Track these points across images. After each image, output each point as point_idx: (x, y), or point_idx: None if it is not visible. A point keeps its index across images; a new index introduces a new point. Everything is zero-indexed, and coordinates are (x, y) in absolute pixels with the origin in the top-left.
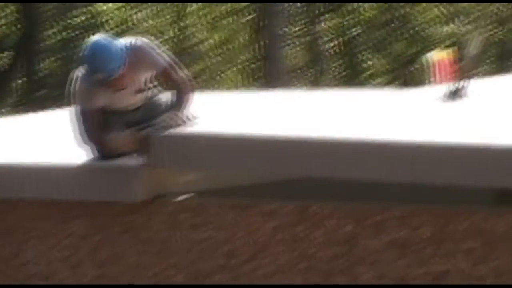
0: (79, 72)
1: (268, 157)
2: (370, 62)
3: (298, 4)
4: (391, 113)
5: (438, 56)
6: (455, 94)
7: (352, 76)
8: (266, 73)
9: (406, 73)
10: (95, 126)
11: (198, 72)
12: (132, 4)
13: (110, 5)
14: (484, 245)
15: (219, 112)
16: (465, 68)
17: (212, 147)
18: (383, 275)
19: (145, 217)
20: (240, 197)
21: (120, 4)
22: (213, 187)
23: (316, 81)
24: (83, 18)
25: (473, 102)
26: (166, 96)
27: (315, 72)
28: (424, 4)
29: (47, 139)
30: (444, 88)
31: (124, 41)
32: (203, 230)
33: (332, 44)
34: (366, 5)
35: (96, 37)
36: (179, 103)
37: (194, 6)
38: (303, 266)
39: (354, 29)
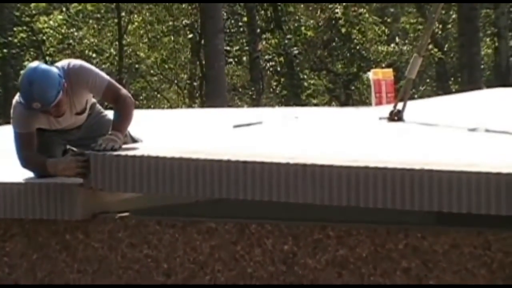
0: (18, 97)
1: (207, 179)
2: (310, 81)
3: (239, 23)
4: (329, 134)
5: (377, 75)
6: (393, 116)
7: (293, 94)
8: (206, 91)
9: (346, 92)
10: (33, 150)
11: (138, 90)
12: (73, 22)
13: (51, 22)
14: (422, 264)
15: (158, 131)
16: (404, 90)
17: (150, 169)
18: None
19: (84, 235)
20: (179, 216)
21: (60, 21)
22: (151, 205)
23: (256, 99)
24: (23, 35)
25: (410, 124)
26: (107, 113)
27: (256, 90)
28: (364, 23)
29: None
30: (382, 109)
31: (61, 65)
32: (142, 248)
33: (272, 63)
34: (307, 23)
35: (32, 65)
36: (120, 122)
37: (135, 24)
38: (241, 285)
39: (294, 48)
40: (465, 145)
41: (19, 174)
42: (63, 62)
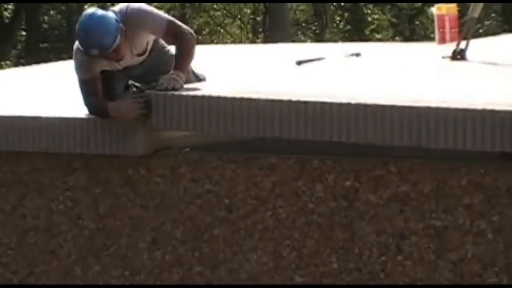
0: (77, 43)
1: (267, 119)
2: (374, 16)
3: None
4: (391, 72)
5: (440, 10)
6: (455, 55)
7: (356, 29)
8: (269, 26)
9: (410, 26)
10: (98, 95)
11: (201, 25)
12: None
13: None
14: (484, 200)
15: (221, 67)
16: (466, 29)
17: (211, 109)
18: (383, 230)
19: (145, 171)
20: (240, 151)
21: None
22: (213, 141)
23: (319, 34)
24: None
25: (473, 63)
26: (170, 48)
27: (319, 25)
28: None
29: (49, 92)
30: (445, 46)
31: (119, 8)
32: (203, 184)
33: None
34: None
35: (88, 12)
36: (181, 60)
37: None
38: (302, 220)
39: None
40: None
41: (81, 109)
42: (121, 6)
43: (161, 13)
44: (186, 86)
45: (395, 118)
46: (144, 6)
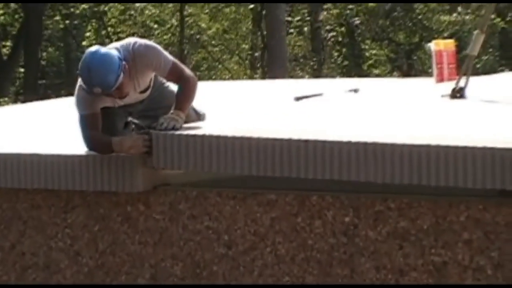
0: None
1: (268, 158)
2: (372, 51)
3: None
4: (390, 110)
5: (438, 46)
6: (455, 93)
7: (354, 65)
8: (267, 62)
9: (408, 61)
10: (98, 131)
11: (199, 61)
12: None
13: None
14: (483, 236)
15: (220, 103)
16: (466, 67)
17: (212, 148)
18: (382, 266)
19: (144, 207)
20: (239, 187)
21: None
22: (212, 177)
23: (317, 70)
24: (85, 6)
25: (472, 101)
26: (169, 84)
27: (317, 61)
28: None
29: (48, 129)
30: (444, 84)
31: (126, 44)
32: (202, 220)
33: (334, 33)
34: None
35: (91, 50)
36: (182, 101)
37: None
38: (302, 256)
39: (356, 18)
40: None
41: (81, 146)
42: (128, 41)
43: (167, 53)
44: (186, 125)
45: (396, 157)
46: (150, 43)
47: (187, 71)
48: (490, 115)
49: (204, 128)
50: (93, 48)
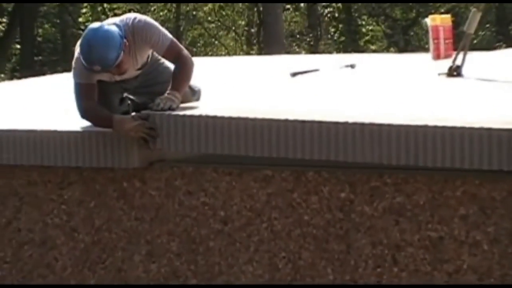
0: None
1: (265, 138)
2: (368, 27)
3: None
4: (386, 88)
5: (434, 21)
6: (451, 72)
7: (351, 41)
8: (264, 38)
9: (404, 37)
10: (94, 101)
11: (196, 37)
12: None
13: None
14: (479, 211)
15: (217, 80)
16: (462, 45)
17: (208, 129)
18: (378, 241)
19: (140, 184)
20: (235, 163)
21: None
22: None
23: (314, 46)
24: None
25: (469, 80)
26: (164, 60)
27: (313, 37)
28: None
29: (44, 105)
30: (441, 62)
31: (125, 20)
32: (198, 196)
33: (330, 9)
34: None
35: (93, 27)
36: (178, 82)
37: None
38: (298, 232)
39: None
40: None
41: (76, 122)
42: (128, 17)
43: (166, 31)
44: (182, 105)
45: (392, 137)
46: (150, 20)
47: (185, 51)
48: (486, 94)
49: (201, 108)
50: (95, 24)
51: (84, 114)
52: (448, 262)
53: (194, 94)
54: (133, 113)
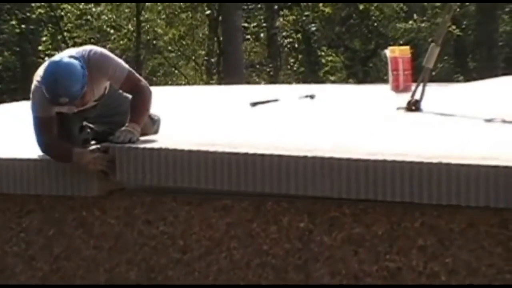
0: (40, 81)
1: (225, 172)
2: (328, 58)
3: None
4: (346, 121)
5: (394, 52)
6: (410, 106)
7: (310, 71)
8: (223, 68)
9: (364, 68)
10: (54, 135)
11: (156, 67)
12: None
13: None
14: (438, 242)
15: (176, 109)
16: (421, 80)
17: (168, 162)
18: (337, 271)
19: (100, 212)
20: (195, 193)
21: None
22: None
23: (274, 76)
24: (41, 11)
25: (428, 114)
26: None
27: (273, 67)
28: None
29: (3, 133)
30: (400, 96)
31: (81, 52)
32: (158, 225)
33: (290, 40)
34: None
35: (55, 59)
36: (137, 114)
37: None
38: (257, 262)
39: (312, 25)
40: (482, 137)
41: (36, 151)
42: (84, 49)
43: (123, 62)
44: (142, 138)
45: (352, 172)
46: (105, 52)
47: (143, 82)
48: (445, 129)
49: (160, 140)
50: (56, 57)
51: (45, 149)
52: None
53: (154, 123)
54: (93, 146)
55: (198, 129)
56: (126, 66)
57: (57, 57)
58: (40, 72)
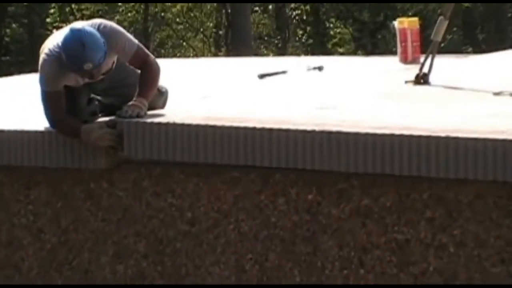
0: (49, 53)
1: (232, 146)
2: (336, 30)
3: None
4: (356, 94)
5: (402, 24)
6: (418, 80)
7: (318, 43)
8: (231, 40)
9: (372, 40)
10: (62, 110)
11: (164, 39)
12: None
13: None
14: (446, 214)
15: (184, 83)
16: (429, 53)
17: (176, 137)
18: (345, 243)
19: (108, 185)
20: (203, 165)
21: None
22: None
23: (282, 48)
24: None
25: (436, 88)
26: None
27: (281, 39)
28: None
29: (11, 105)
30: (408, 68)
31: (91, 25)
32: (166, 197)
33: (298, 11)
34: None
35: (77, 27)
36: (145, 88)
37: None
38: (265, 234)
39: None
40: (490, 110)
41: (43, 123)
42: (93, 23)
43: (132, 37)
44: (150, 112)
45: (359, 146)
46: (115, 26)
47: (151, 57)
48: (453, 102)
49: (168, 115)
50: (78, 25)
51: (53, 124)
52: (414, 264)
53: (162, 95)
54: (101, 119)
55: (206, 102)
56: (135, 41)
57: (78, 24)
58: (49, 45)
